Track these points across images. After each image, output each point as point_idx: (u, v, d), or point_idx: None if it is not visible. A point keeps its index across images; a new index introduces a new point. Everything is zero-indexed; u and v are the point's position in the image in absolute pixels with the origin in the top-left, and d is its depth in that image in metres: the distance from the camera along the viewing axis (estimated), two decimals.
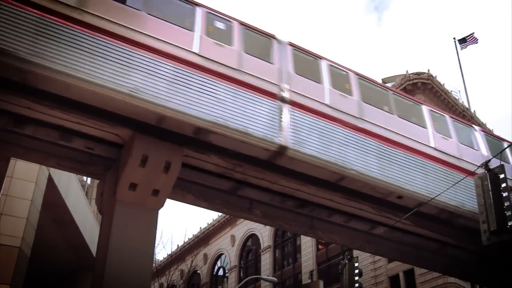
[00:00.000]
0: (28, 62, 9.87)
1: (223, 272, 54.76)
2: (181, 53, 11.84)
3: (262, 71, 13.02)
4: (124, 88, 10.60)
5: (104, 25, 11.01)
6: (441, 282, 30.77)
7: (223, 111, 11.72)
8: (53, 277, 27.65)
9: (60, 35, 10.36)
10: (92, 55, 10.53)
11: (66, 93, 10.55)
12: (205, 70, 11.99)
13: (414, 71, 37.75)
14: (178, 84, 11.37)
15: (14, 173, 16.67)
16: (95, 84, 10.36)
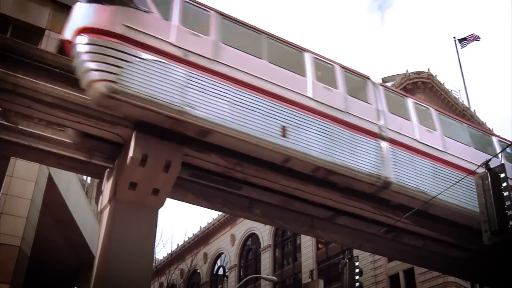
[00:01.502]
0: (180, 111, 10.99)
1: (223, 271, 54.77)
2: (298, 98, 13.09)
3: (363, 112, 14.35)
4: (271, 138, 12.10)
5: (235, 74, 12.31)
6: (441, 281, 30.78)
7: (337, 151, 13.08)
8: (53, 277, 27.62)
9: (202, 85, 11.62)
10: (225, 100, 11.77)
11: (205, 137, 11.76)
12: (319, 113, 13.29)
13: (414, 70, 37.75)
14: (300, 128, 12.73)
15: (14, 172, 16.66)
16: (234, 130, 11.65)
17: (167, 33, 11.78)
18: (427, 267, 21.74)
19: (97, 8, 11.54)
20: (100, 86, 10.38)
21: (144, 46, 11.24)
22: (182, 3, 12.57)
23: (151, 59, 11.17)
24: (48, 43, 18.26)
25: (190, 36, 12.13)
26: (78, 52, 10.79)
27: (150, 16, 11.77)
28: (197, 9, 12.93)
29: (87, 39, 10.83)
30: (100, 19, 11.30)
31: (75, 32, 11.18)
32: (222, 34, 12.75)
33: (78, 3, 11.93)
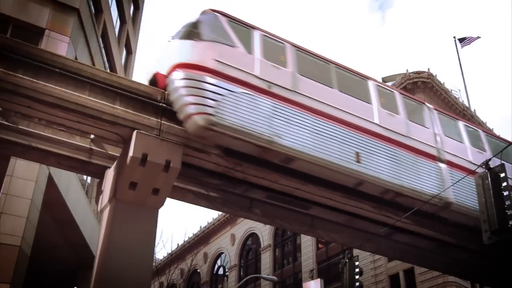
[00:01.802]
0: (269, 141, 11.85)
1: (223, 271, 54.80)
2: (368, 125, 13.94)
3: (422, 136, 15.20)
4: (347, 163, 12.97)
5: (313, 104, 13.12)
6: (441, 281, 30.79)
7: (403, 174, 13.97)
8: (53, 276, 27.63)
9: (286, 115, 12.43)
10: (306, 129, 12.60)
11: (288, 164, 12.52)
12: (386, 139, 14.20)
13: (414, 70, 37.75)
14: (371, 154, 13.58)
15: (14, 172, 16.65)
16: (316, 158, 12.49)
17: (252, 66, 12.56)
18: (427, 267, 21.74)
19: (190, 44, 12.41)
20: (198, 119, 11.16)
21: (233, 80, 11.99)
22: (261, 36, 13.37)
23: (241, 91, 11.93)
24: (48, 43, 18.25)
25: (271, 69, 12.89)
26: (176, 87, 11.58)
27: (236, 51, 12.56)
28: (273, 42, 13.67)
29: (184, 75, 11.64)
30: (193, 55, 12.13)
31: (172, 67, 11.98)
32: (297, 65, 13.55)
33: (172, 39, 12.96)
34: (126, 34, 30.85)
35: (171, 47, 12.91)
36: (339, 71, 14.62)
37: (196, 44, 12.31)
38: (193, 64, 11.80)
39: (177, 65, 11.90)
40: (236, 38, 12.74)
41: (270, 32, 13.76)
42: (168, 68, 12.12)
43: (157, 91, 12.02)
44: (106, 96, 11.27)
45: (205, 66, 11.74)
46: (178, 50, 12.50)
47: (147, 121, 11.50)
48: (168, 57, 12.59)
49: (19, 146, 12.76)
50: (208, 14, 13.13)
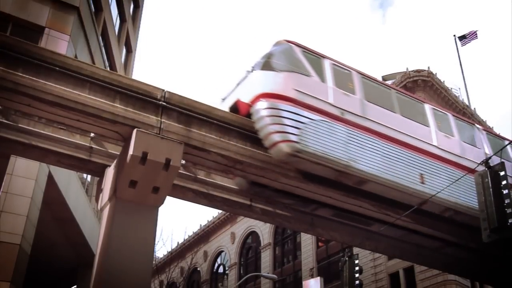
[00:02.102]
0: (346, 165, 12.76)
1: (223, 270, 54.83)
2: (428, 148, 14.76)
3: (474, 156, 15.79)
4: (413, 184, 13.89)
5: (381, 129, 14.07)
6: (441, 280, 30.80)
7: (460, 193, 14.85)
8: (53, 275, 27.66)
9: (359, 141, 13.31)
10: (377, 154, 13.51)
11: (361, 186, 13.39)
12: (444, 160, 15.02)
13: (414, 68, 37.71)
14: (433, 175, 14.45)
15: (14, 170, 16.65)
16: (386, 180, 13.41)
17: (326, 94, 13.38)
18: (427, 265, 21.74)
19: (272, 75, 13.18)
20: (284, 147, 12.02)
21: (312, 108, 12.81)
22: (331, 65, 14.17)
23: (319, 119, 12.76)
24: (48, 41, 18.24)
25: (343, 96, 13.73)
26: (261, 116, 12.45)
27: (311, 80, 13.39)
28: (341, 70, 14.46)
29: (268, 104, 12.47)
30: (275, 85, 12.93)
31: (255, 97, 12.88)
32: (364, 92, 14.36)
33: (254, 70, 13.67)
34: (126, 32, 30.83)
35: (252, 77, 13.66)
36: (399, 96, 15.57)
37: (277, 75, 13.11)
38: (275, 94, 12.66)
39: (261, 95, 12.77)
40: (310, 67, 13.61)
41: (337, 60, 14.61)
42: (250, 97, 13.06)
43: (157, 89, 12.04)
44: (106, 94, 11.28)
45: (287, 96, 12.57)
46: (260, 81, 13.28)
47: (147, 120, 11.51)
48: (249, 86, 13.48)
49: (19, 144, 12.77)
50: (283, 44, 14.08)
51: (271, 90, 12.80)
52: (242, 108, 13.31)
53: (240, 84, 14.00)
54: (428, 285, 31.67)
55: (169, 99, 11.98)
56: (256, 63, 13.84)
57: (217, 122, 12.45)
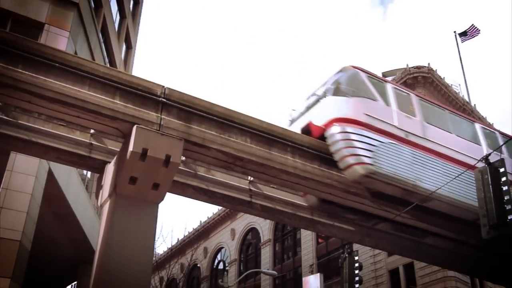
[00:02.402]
0: (414, 185, 13.57)
1: (223, 266, 54.91)
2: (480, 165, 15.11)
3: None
4: (470, 201, 14.40)
5: (440, 149, 14.87)
6: (441, 276, 30.85)
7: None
8: (54, 271, 27.71)
9: (423, 161, 14.09)
10: (438, 172, 14.25)
11: (424, 203, 13.94)
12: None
13: (414, 65, 37.66)
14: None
15: (14, 166, 16.66)
16: (447, 197, 14.18)
17: (391, 117, 14.24)
18: (427, 262, 21.78)
19: (344, 100, 14.12)
20: (359, 169, 12.89)
21: (381, 131, 13.69)
22: (392, 89, 15.04)
23: (388, 142, 13.66)
24: (47, 37, 18.23)
25: (405, 119, 14.54)
26: (336, 140, 13.36)
27: (378, 104, 14.25)
28: (401, 93, 15.34)
29: (342, 129, 13.37)
30: (347, 110, 13.84)
31: (329, 121, 13.75)
32: (422, 114, 15.15)
33: (327, 96, 14.51)
34: (126, 28, 30.80)
35: (324, 102, 14.52)
36: (452, 117, 16.27)
37: (348, 100, 14.08)
38: (348, 118, 13.55)
39: (334, 120, 13.66)
40: (375, 92, 14.50)
41: (397, 84, 15.57)
42: (324, 121, 13.97)
43: (156, 85, 12.04)
44: (106, 90, 11.27)
45: (359, 120, 13.43)
46: (333, 106, 14.17)
47: (147, 116, 11.51)
48: (322, 111, 14.38)
49: (19, 141, 12.78)
50: (350, 70, 15.00)
51: (344, 115, 13.72)
52: (315, 131, 14.24)
53: (312, 108, 14.96)
54: (428, 281, 31.72)
55: (169, 96, 11.98)
56: (326, 89, 14.77)
57: (217, 118, 12.45)
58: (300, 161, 13.40)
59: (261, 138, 12.96)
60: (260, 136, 12.94)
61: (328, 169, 13.65)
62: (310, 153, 13.71)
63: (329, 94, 14.52)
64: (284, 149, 13.27)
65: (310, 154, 13.70)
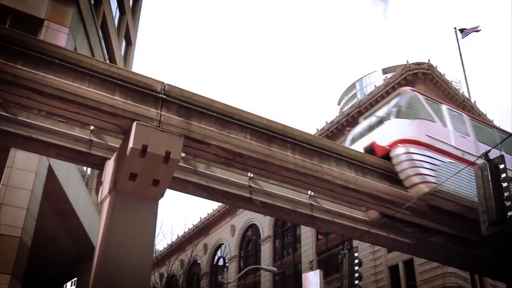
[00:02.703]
0: (472, 202, 13.82)
1: (223, 262, 54.97)
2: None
3: None
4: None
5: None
6: (440, 272, 30.89)
7: None
8: (54, 267, 27.73)
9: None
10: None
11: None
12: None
13: (415, 61, 37.65)
14: None
15: (14, 163, 16.65)
16: None
17: (449, 138, 15.10)
18: (427, 258, 21.81)
19: (407, 122, 15.14)
20: (424, 187, 13.85)
21: (441, 151, 14.53)
22: (447, 110, 15.85)
23: (448, 161, 14.49)
24: (47, 33, 18.20)
25: (461, 138, 15.28)
26: (402, 161, 14.36)
27: (436, 125, 15.08)
28: (455, 113, 16.12)
29: (407, 150, 14.35)
30: (411, 132, 14.79)
31: (393, 142, 14.76)
32: (474, 133, 15.79)
33: (391, 118, 15.56)
34: (125, 25, 30.76)
35: (388, 124, 15.64)
36: (500, 135, 16.79)
37: (411, 122, 15.10)
38: (412, 140, 14.49)
39: (399, 141, 14.65)
40: (433, 113, 15.36)
41: (450, 104, 16.18)
42: (388, 142, 15.00)
43: (156, 82, 12.03)
44: (106, 87, 11.26)
45: (421, 141, 14.25)
46: (397, 128, 15.19)
47: (147, 112, 11.50)
48: (386, 132, 15.47)
49: (19, 137, 12.77)
50: (409, 93, 16.25)
51: (408, 136, 14.67)
52: (379, 151, 15.24)
53: (375, 129, 16.13)
54: (428, 277, 31.75)
55: (169, 92, 11.97)
56: (388, 111, 15.96)
57: (217, 114, 12.45)
58: (300, 158, 13.40)
59: (261, 134, 12.96)
60: (260, 133, 12.94)
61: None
62: (308, 148, 13.67)
63: (392, 117, 15.59)
64: (284, 146, 13.26)
65: (309, 150, 13.67)
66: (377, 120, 16.28)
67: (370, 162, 14.84)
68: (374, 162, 14.96)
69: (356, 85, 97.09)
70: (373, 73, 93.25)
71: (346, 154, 14.50)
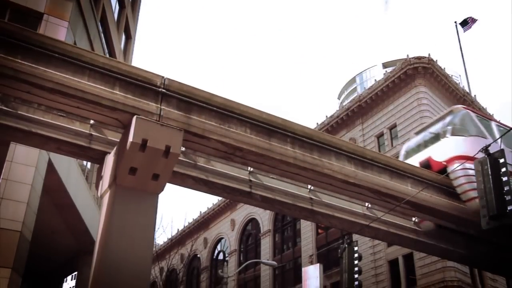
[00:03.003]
0: None
1: (223, 256, 55.08)
2: None
3: None
4: None
5: None
6: (440, 266, 30.97)
7: None
8: (54, 261, 27.78)
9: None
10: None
11: None
12: None
13: (415, 55, 37.59)
14: None
15: (14, 157, 16.65)
16: None
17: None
18: (426, 252, 21.82)
19: (462, 140, 16.08)
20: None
21: None
22: (496, 126, 16.63)
23: None
24: (46, 27, 18.15)
25: (510, 154, 15.43)
26: (458, 176, 15.34)
27: (488, 142, 15.08)
28: (503, 129, 16.64)
29: (463, 166, 15.11)
30: (466, 148, 15.62)
31: (450, 158, 15.74)
32: None
33: (447, 135, 16.49)
34: (125, 18, 30.67)
35: (444, 141, 16.63)
36: None
37: (466, 139, 16.04)
38: (467, 156, 15.14)
39: (455, 158, 15.55)
40: (485, 130, 16.27)
41: (498, 120, 16.71)
42: (444, 158, 15.99)
43: (156, 76, 12.00)
44: (106, 81, 11.23)
45: (476, 157, 14.17)
46: (453, 145, 16.19)
47: (146, 107, 11.49)
48: (442, 148, 16.46)
49: (19, 131, 12.77)
50: (462, 111, 17.25)
51: (463, 153, 15.52)
52: (435, 166, 16.18)
53: (430, 145, 17.12)
54: (427, 271, 31.84)
55: (168, 86, 11.95)
56: (443, 129, 16.97)
57: (217, 109, 12.44)
58: (300, 152, 13.40)
59: (261, 128, 12.95)
60: (260, 127, 12.93)
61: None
62: (308, 143, 13.66)
63: (448, 134, 16.56)
64: (284, 140, 13.25)
65: (309, 144, 13.66)
66: (432, 136, 17.31)
67: (370, 156, 14.86)
68: (373, 156, 14.98)
69: (356, 79, 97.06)
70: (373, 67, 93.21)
71: (346, 148, 14.49)
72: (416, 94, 36.48)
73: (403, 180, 15.23)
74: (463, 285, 31.03)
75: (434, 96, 37.17)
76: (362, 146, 34.47)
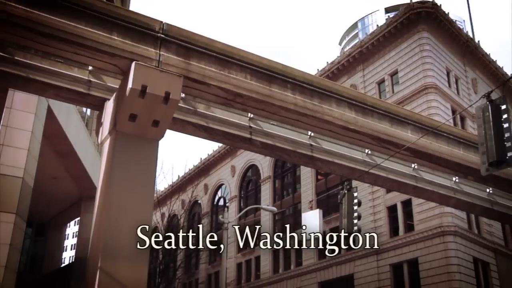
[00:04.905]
0: None
1: (224, 202, 55.80)
2: None
3: None
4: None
5: None
6: (438, 212, 31.41)
7: None
8: (57, 208, 28.12)
9: None
10: None
11: None
12: None
13: (418, 0, 36.81)
14: None
15: (13, 104, 16.55)
16: None
17: None
18: (424, 198, 22.07)
19: None
20: None
21: None
22: None
23: None
24: None
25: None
26: None
27: None
28: None
29: None
30: None
31: None
32: None
33: None
34: None
35: None
36: None
37: None
38: None
39: None
40: None
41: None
42: None
43: (155, 21, 11.79)
44: (103, 26, 11.05)
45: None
46: None
47: (145, 52, 11.34)
48: None
49: (17, 77, 12.66)
50: None
51: None
52: None
53: None
54: (425, 217, 32.32)
55: (167, 31, 11.76)
56: None
57: (216, 54, 12.28)
58: (300, 98, 13.33)
59: (261, 74, 12.84)
60: (260, 73, 12.81)
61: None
62: (309, 89, 13.61)
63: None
64: (285, 86, 13.16)
65: (309, 90, 13.61)
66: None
67: (370, 103, 14.78)
68: (374, 103, 14.91)
69: (358, 25, 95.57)
70: (375, 12, 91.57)
71: (347, 94, 14.40)
72: (418, 40, 35.97)
73: (403, 126, 15.22)
74: (460, 230, 31.59)
75: (437, 42, 36.66)
76: (363, 92, 34.27)
